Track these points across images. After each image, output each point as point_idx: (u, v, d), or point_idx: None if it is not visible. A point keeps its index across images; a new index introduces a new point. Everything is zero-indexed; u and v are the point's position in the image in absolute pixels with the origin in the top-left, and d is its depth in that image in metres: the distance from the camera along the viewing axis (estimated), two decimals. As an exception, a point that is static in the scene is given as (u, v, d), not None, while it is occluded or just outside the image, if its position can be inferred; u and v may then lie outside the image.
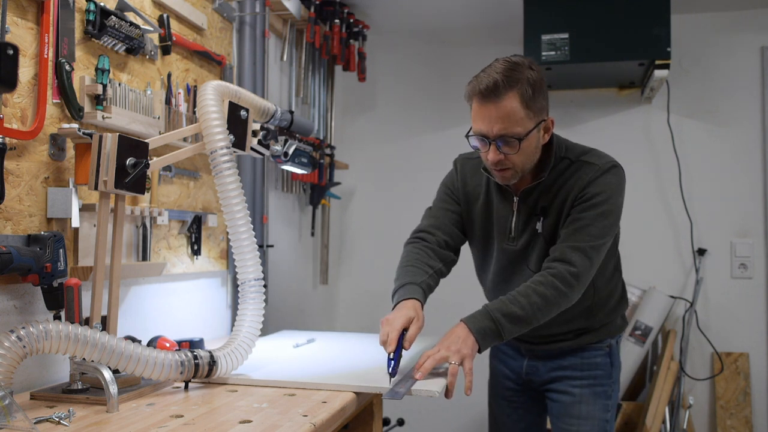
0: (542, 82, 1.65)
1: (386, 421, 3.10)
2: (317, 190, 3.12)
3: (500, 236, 1.84)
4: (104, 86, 1.68)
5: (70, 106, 1.60)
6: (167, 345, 1.79)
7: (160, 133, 1.87)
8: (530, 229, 1.78)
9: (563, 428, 1.89)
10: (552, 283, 1.63)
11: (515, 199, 1.80)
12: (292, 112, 2.02)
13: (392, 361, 1.54)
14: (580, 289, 1.67)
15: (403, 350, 1.58)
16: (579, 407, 1.86)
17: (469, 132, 1.67)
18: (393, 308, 1.71)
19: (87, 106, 1.66)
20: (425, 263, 1.81)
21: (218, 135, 1.60)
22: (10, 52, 1.32)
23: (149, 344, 1.78)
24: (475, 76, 1.65)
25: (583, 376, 1.88)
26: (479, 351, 1.60)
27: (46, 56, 1.53)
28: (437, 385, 1.52)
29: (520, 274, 1.82)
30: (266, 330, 2.04)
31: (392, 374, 1.54)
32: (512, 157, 1.64)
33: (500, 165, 1.66)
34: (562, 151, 1.77)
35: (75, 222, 1.58)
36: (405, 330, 1.60)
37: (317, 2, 2.92)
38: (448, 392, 1.53)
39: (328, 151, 3.14)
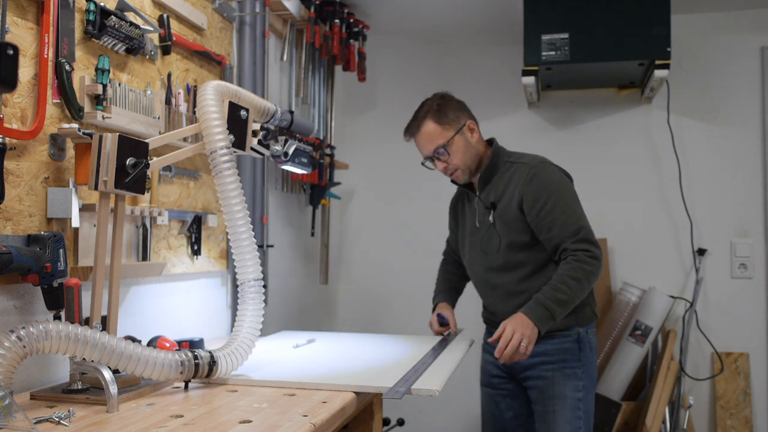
0: (447, 102, 2.15)
1: (386, 421, 3.10)
2: (317, 190, 3.12)
3: (471, 231, 2.23)
4: (104, 86, 1.68)
5: (70, 106, 1.60)
6: (167, 345, 1.79)
7: (160, 133, 1.87)
8: (486, 221, 2.16)
9: (541, 410, 2.12)
10: (579, 267, 1.99)
11: (476, 197, 2.20)
12: (292, 112, 2.02)
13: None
14: (600, 263, 2.01)
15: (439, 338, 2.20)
16: (552, 389, 2.10)
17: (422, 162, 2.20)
18: (433, 310, 2.37)
19: (87, 106, 1.66)
20: (453, 272, 2.44)
21: (218, 135, 1.60)
22: (10, 52, 1.32)
23: (149, 344, 1.78)
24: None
25: (554, 360, 2.11)
26: (540, 333, 1.95)
27: (46, 56, 1.53)
28: (437, 383, 1.52)
29: (480, 263, 2.20)
30: (266, 330, 2.04)
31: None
32: (451, 161, 2.13)
33: (448, 170, 2.16)
34: (507, 157, 2.18)
35: (75, 222, 1.58)
36: (442, 316, 2.30)
37: (317, 2, 2.92)
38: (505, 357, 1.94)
39: (328, 151, 3.14)
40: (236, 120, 1.69)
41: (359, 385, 1.53)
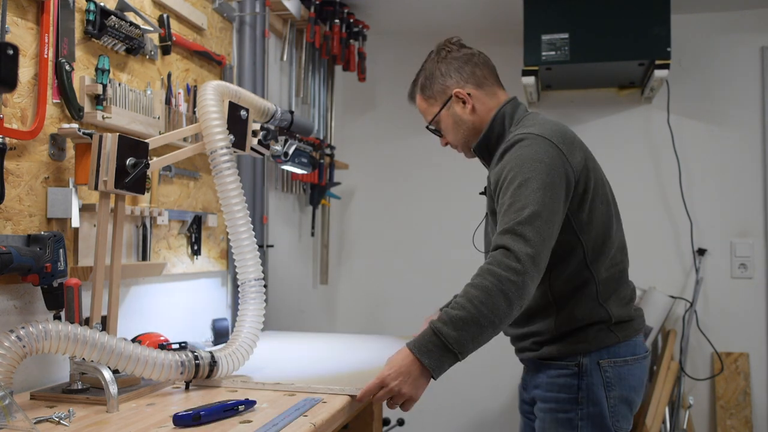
0: (438, 65, 1.75)
1: (386, 421, 3.10)
2: (317, 190, 3.12)
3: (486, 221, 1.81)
4: (104, 86, 1.68)
5: (70, 106, 1.60)
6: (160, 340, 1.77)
7: (160, 133, 1.87)
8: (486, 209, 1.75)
9: None
10: (488, 270, 1.41)
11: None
12: (292, 112, 2.02)
13: None
14: (527, 269, 1.40)
15: None
16: None
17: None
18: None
19: (87, 106, 1.66)
20: None
21: (218, 135, 1.60)
22: (10, 52, 1.32)
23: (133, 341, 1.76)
24: None
25: (546, 398, 1.62)
26: (433, 377, 1.41)
27: (46, 56, 1.53)
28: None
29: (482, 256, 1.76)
30: (266, 330, 2.04)
31: None
32: (446, 137, 1.80)
33: (449, 146, 1.83)
34: (516, 125, 1.66)
35: (75, 222, 1.58)
36: None
37: (317, 2, 2.92)
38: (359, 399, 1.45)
39: (328, 151, 3.14)
40: (236, 120, 1.69)
41: (360, 386, 1.52)
